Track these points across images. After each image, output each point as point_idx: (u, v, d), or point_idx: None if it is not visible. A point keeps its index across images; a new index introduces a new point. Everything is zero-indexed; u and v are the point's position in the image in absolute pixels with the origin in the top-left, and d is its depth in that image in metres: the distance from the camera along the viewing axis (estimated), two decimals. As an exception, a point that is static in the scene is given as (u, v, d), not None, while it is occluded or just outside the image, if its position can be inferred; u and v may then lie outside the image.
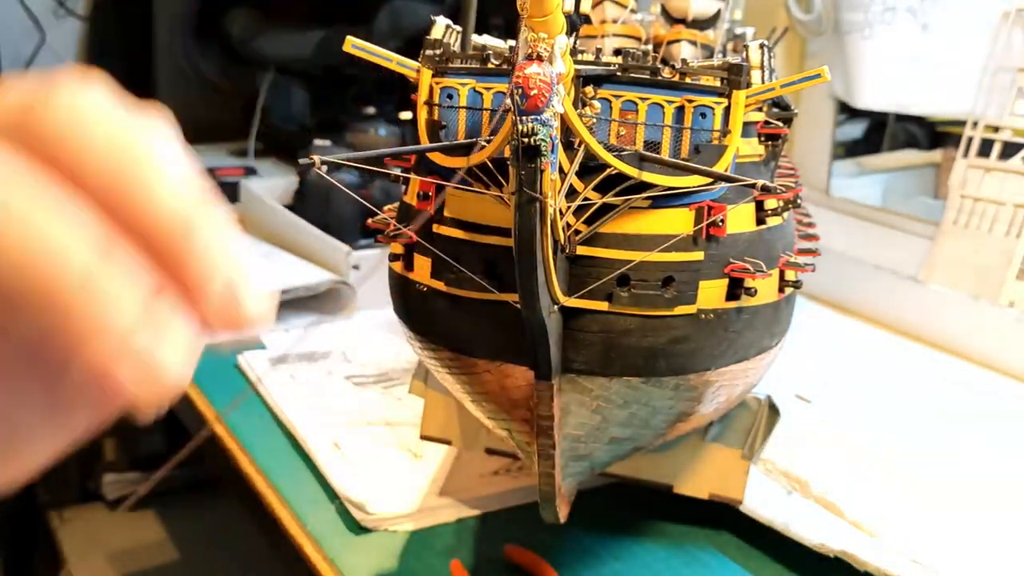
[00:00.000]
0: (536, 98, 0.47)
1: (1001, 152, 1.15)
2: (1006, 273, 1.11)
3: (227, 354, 1.06)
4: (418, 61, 0.63)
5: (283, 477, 0.84)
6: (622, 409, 0.63)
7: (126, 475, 1.75)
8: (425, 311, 0.64)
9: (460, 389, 0.67)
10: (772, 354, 0.72)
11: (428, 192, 0.63)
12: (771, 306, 0.67)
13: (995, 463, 0.89)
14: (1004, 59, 1.17)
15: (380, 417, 0.94)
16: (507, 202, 0.52)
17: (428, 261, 0.62)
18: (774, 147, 0.70)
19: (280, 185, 1.58)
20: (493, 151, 0.55)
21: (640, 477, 0.77)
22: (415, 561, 0.75)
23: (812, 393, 0.99)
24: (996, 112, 1.17)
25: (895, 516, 0.78)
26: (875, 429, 0.93)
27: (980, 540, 0.76)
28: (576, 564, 0.75)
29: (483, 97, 0.62)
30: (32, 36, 2.23)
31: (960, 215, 1.17)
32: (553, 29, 0.47)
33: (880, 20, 1.27)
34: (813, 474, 0.82)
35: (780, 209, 0.67)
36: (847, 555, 0.72)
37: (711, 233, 0.60)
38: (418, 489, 0.82)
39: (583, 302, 0.58)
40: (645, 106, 0.60)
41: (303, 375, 1.03)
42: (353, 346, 1.10)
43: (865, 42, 1.28)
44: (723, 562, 0.76)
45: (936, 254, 1.19)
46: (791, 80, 0.61)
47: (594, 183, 0.57)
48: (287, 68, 2.00)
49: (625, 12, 0.88)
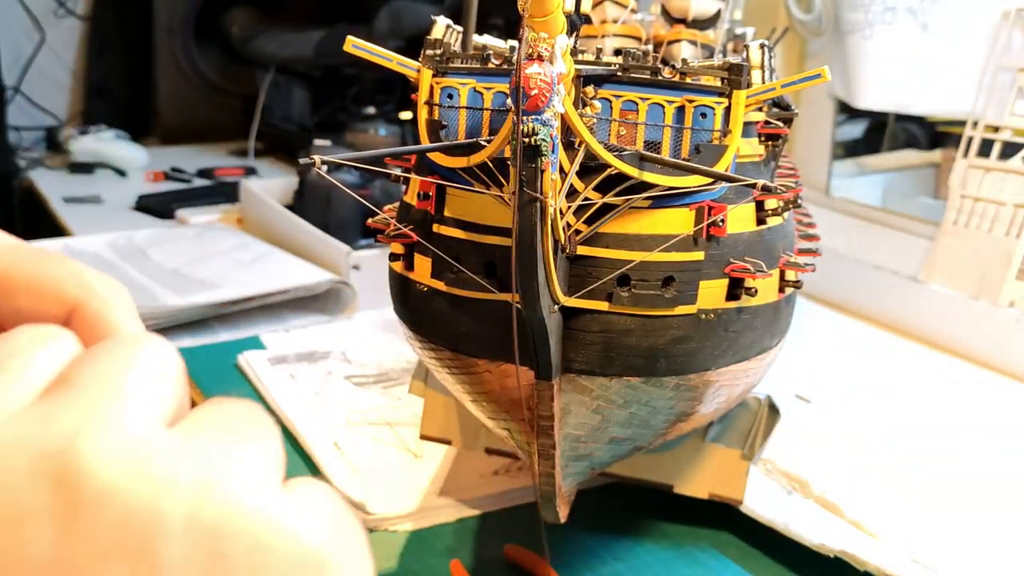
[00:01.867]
0: (537, 98, 0.47)
1: (1001, 152, 1.15)
2: (1006, 273, 1.11)
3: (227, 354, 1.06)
4: (418, 61, 0.63)
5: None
6: (622, 409, 0.63)
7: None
8: (425, 311, 0.64)
9: (460, 389, 0.67)
10: (772, 354, 0.72)
11: (428, 192, 0.63)
12: (771, 306, 0.67)
13: (995, 463, 0.89)
14: (1004, 59, 1.17)
15: (380, 417, 0.94)
16: (507, 202, 0.52)
17: (428, 261, 0.62)
18: (774, 147, 0.70)
19: (280, 185, 1.58)
20: (493, 151, 0.55)
21: (640, 477, 0.77)
22: (415, 561, 0.75)
23: (812, 393, 0.99)
24: (996, 112, 1.17)
25: (895, 516, 0.78)
26: (875, 429, 0.93)
27: (980, 540, 0.76)
28: (576, 564, 0.75)
29: (483, 97, 0.62)
30: (32, 36, 2.23)
31: (960, 215, 1.17)
32: (554, 29, 0.47)
33: (880, 20, 1.27)
34: (813, 474, 0.82)
35: (780, 209, 0.67)
36: (847, 555, 0.72)
37: (711, 233, 0.60)
38: (418, 489, 0.82)
39: (583, 302, 0.58)
40: (645, 106, 0.60)
41: (303, 375, 1.03)
42: (353, 346, 1.11)
43: (865, 42, 1.28)
44: (723, 562, 0.76)
45: (936, 254, 1.19)
46: (791, 80, 0.61)
47: (594, 183, 0.57)
48: (287, 68, 2.01)
49: (625, 12, 0.88)
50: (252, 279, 1.21)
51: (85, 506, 0.22)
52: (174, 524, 0.23)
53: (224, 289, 1.18)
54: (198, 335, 1.13)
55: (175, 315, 1.11)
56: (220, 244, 1.38)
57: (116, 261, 1.31)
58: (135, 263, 1.30)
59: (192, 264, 1.29)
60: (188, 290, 1.18)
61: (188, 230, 1.52)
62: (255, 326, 1.15)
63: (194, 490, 0.23)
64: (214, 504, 0.23)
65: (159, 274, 1.26)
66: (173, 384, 0.27)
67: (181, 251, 1.36)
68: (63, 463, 0.22)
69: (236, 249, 1.36)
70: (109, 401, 0.24)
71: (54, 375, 0.25)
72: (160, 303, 1.13)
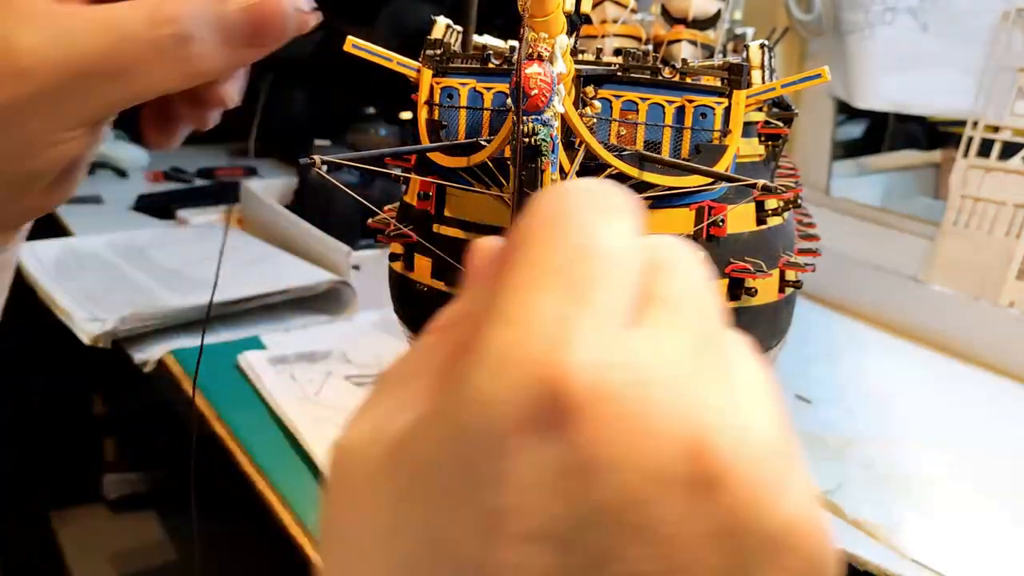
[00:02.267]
0: (537, 98, 0.47)
1: (1001, 152, 1.15)
2: (1006, 273, 1.11)
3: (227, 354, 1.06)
4: (418, 61, 0.63)
5: (283, 477, 0.84)
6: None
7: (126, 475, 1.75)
8: (425, 311, 0.64)
9: (460, 389, 0.67)
10: (772, 354, 0.72)
11: (428, 192, 0.63)
12: (771, 306, 0.67)
13: (995, 463, 0.89)
14: (1004, 59, 1.17)
15: (380, 417, 0.94)
16: (507, 202, 0.52)
17: (429, 261, 0.62)
18: (774, 147, 0.70)
19: (280, 185, 1.58)
20: (493, 151, 0.55)
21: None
22: (415, 561, 0.75)
23: (812, 393, 0.99)
24: (996, 112, 1.17)
25: (895, 516, 0.78)
26: (875, 429, 0.93)
27: (980, 540, 0.76)
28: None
29: (483, 97, 0.62)
30: (32, 36, 2.22)
31: (960, 215, 1.17)
32: (554, 29, 0.47)
33: (880, 20, 1.27)
34: (813, 474, 0.82)
35: (780, 209, 0.67)
36: (847, 555, 0.72)
37: (711, 233, 0.60)
38: (418, 489, 0.82)
39: (583, 302, 0.58)
40: (645, 106, 0.60)
41: (303, 375, 1.03)
42: (353, 346, 1.11)
43: (865, 42, 1.28)
44: (723, 562, 0.76)
45: (936, 254, 1.19)
46: (791, 80, 0.61)
47: (594, 183, 0.57)
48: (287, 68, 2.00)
49: (625, 12, 0.88)
50: (252, 279, 1.21)
51: (713, 490, 0.21)
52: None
53: (224, 289, 1.18)
54: (198, 335, 1.12)
55: (175, 315, 1.11)
56: (220, 244, 1.38)
57: (116, 261, 1.31)
58: (135, 263, 1.30)
59: (192, 264, 1.29)
60: (188, 290, 1.18)
61: (188, 230, 1.52)
62: (255, 326, 1.15)
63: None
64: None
65: (159, 274, 1.26)
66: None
67: (181, 251, 1.36)
68: (703, 440, 0.22)
69: (236, 249, 1.36)
70: (750, 391, 0.24)
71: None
72: (160, 303, 1.13)
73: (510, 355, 0.21)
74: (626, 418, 0.21)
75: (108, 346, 1.06)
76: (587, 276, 0.23)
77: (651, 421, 0.21)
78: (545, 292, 0.22)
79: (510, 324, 0.22)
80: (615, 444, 0.21)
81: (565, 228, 0.24)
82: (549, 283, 0.22)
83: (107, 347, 1.06)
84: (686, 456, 0.21)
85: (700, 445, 0.21)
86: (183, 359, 1.05)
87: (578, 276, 0.22)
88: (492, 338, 0.22)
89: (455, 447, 0.21)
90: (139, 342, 1.08)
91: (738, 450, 0.22)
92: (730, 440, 0.22)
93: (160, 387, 1.07)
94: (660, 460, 0.21)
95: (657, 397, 0.21)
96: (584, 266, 0.23)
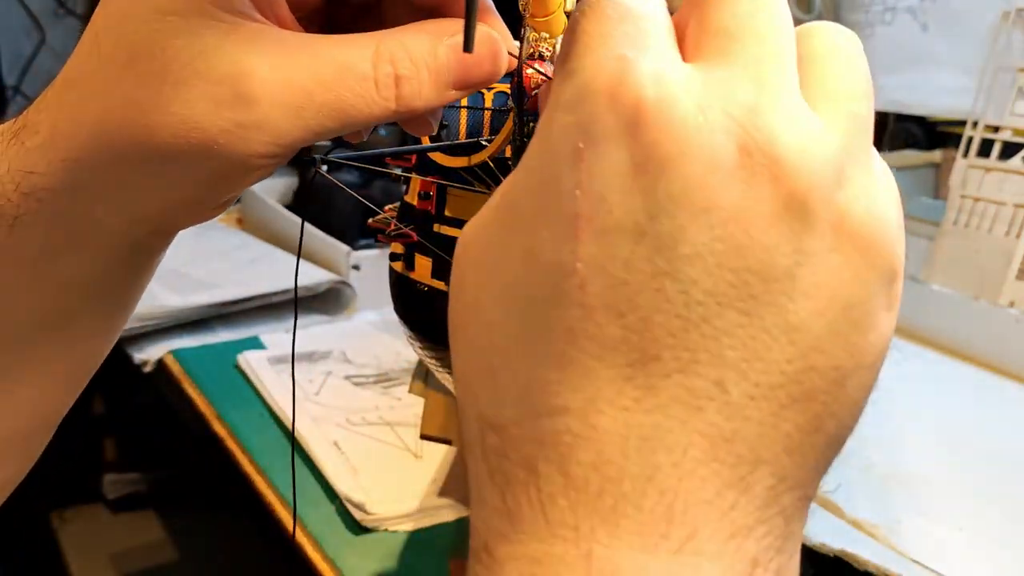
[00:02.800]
0: (537, 98, 0.47)
1: (1001, 152, 1.15)
2: (1006, 273, 1.11)
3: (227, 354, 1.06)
4: (419, 61, 0.63)
5: (283, 477, 0.84)
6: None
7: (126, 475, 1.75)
8: (425, 311, 0.64)
9: (460, 389, 0.67)
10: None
11: (429, 192, 0.63)
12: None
13: (995, 463, 0.89)
14: (1004, 59, 1.17)
15: (380, 417, 0.94)
16: (508, 202, 0.52)
17: (429, 261, 0.62)
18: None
19: (280, 185, 1.58)
20: (494, 151, 0.55)
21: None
22: (415, 561, 0.75)
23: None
24: (996, 112, 1.17)
25: (895, 516, 0.78)
26: (875, 428, 0.93)
27: (980, 540, 0.76)
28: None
29: (484, 97, 0.62)
30: (32, 36, 2.23)
31: (960, 215, 1.17)
32: (555, 29, 0.47)
33: (880, 20, 1.27)
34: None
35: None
36: (847, 555, 0.72)
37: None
38: (418, 489, 0.82)
39: (584, 302, 0.58)
40: (646, 106, 0.60)
41: (303, 375, 1.03)
42: (353, 346, 1.11)
43: (865, 42, 1.28)
44: (723, 562, 0.76)
45: (936, 254, 1.19)
46: (792, 80, 0.61)
47: (595, 183, 0.57)
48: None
49: (625, 12, 0.88)
50: (252, 279, 1.21)
51: (768, 176, 0.24)
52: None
53: (224, 289, 1.18)
54: (198, 335, 1.13)
55: (175, 315, 1.11)
56: (220, 244, 1.38)
57: (116, 261, 1.31)
58: (135, 263, 1.30)
59: (192, 264, 1.29)
60: (188, 290, 1.18)
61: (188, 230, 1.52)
62: (255, 326, 1.15)
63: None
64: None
65: (159, 274, 1.24)
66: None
67: (181, 251, 1.36)
68: (754, 133, 0.24)
69: (236, 249, 1.36)
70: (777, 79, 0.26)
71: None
72: (160, 303, 1.13)
73: (589, 82, 0.25)
74: (687, 117, 0.24)
75: (108, 346, 1.06)
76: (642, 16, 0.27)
77: (708, 118, 0.24)
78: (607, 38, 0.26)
79: (588, 55, 0.26)
80: (677, 141, 0.24)
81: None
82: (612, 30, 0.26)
83: (107, 347, 1.06)
84: (738, 148, 0.24)
85: (751, 137, 0.24)
86: (183, 359, 1.05)
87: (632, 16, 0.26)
88: (577, 69, 0.26)
89: (541, 163, 0.26)
90: (139, 342, 1.08)
91: (791, 143, 0.24)
92: (783, 134, 0.24)
93: (160, 387, 1.07)
94: (715, 151, 0.24)
95: (713, 100, 0.25)
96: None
